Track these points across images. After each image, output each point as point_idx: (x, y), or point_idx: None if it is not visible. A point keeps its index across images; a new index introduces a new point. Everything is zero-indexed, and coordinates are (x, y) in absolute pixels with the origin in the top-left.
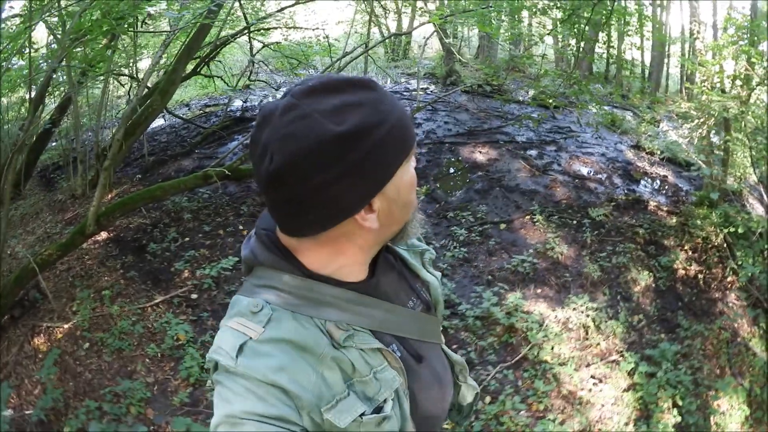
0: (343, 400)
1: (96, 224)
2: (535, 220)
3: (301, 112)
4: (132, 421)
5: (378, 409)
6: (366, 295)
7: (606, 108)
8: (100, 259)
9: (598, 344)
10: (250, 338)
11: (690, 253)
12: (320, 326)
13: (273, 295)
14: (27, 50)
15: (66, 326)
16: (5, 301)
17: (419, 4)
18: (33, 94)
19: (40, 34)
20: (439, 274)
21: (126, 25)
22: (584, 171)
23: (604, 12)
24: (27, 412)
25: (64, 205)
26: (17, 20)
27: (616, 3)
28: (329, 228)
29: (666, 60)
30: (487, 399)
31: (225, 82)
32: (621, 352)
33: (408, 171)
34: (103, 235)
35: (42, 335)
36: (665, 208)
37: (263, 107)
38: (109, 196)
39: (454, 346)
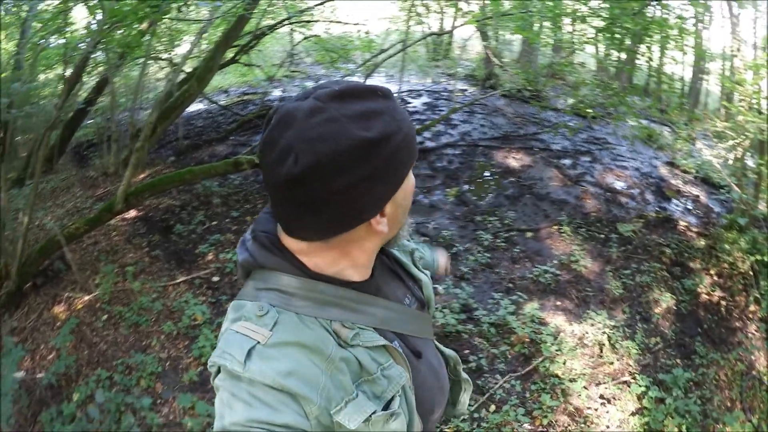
0: (353, 401)
1: (124, 202)
2: (562, 230)
3: (330, 115)
4: (140, 392)
5: (386, 407)
6: (367, 294)
7: (643, 122)
8: (127, 236)
9: (611, 363)
10: (258, 342)
11: (715, 278)
12: (326, 326)
13: (276, 298)
14: (65, 30)
15: (87, 298)
16: (29, 270)
17: (462, 5)
18: (69, 72)
19: (80, 14)
20: (428, 272)
21: (159, 12)
22: (617, 184)
23: (644, 23)
24: (38, 376)
25: (96, 181)
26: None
27: (656, 15)
28: (344, 231)
29: (705, 76)
30: (492, 408)
31: (264, 72)
32: (633, 374)
33: (411, 177)
34: (132, 213)
35: (62, 304)
36: (695, 230)
37: (280, 108)
38: (141, 176)
39: (466, 351)
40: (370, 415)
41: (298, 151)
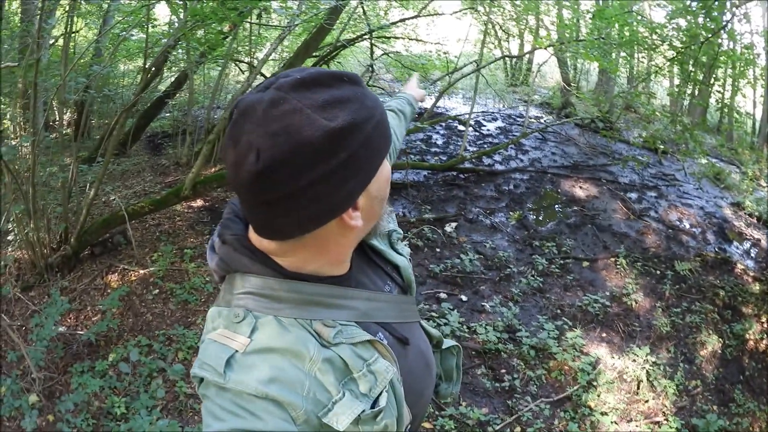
0: (340, 401)
1: (192, 189)
2: (618, 263)
3: (291, 106)
4: (176, 362)
5: (374, 404)
6: (346, 287)
7: (712, 160)
8: (191, 222)
9: (647, 401)
10: (237, 351)
11: (765, 325)
12: (306, 327)
13: (252, 302)
14: (146, 25)
15: (141, 272)
16: (89, 238)
17: (541, 31)
18: (148, 64)
19: (163, 11)
20: (408, 250)
21: (239, 15)
22: (679, 222)
23: (712, 53)
24: (79, 332)
25: (167, 169)
26: None
27: (723, 48)
28: (316, 228)
29: None
30: (517, 429)
31: None
32: (667, 414)
33: (386, 166)
34: (199, 202)
35: (116, 274)
36: (751, 274)
37: (240, 101)
38: (212, 170)
39: (502, 370)
40: (359, 415)
41: (260, 146)
